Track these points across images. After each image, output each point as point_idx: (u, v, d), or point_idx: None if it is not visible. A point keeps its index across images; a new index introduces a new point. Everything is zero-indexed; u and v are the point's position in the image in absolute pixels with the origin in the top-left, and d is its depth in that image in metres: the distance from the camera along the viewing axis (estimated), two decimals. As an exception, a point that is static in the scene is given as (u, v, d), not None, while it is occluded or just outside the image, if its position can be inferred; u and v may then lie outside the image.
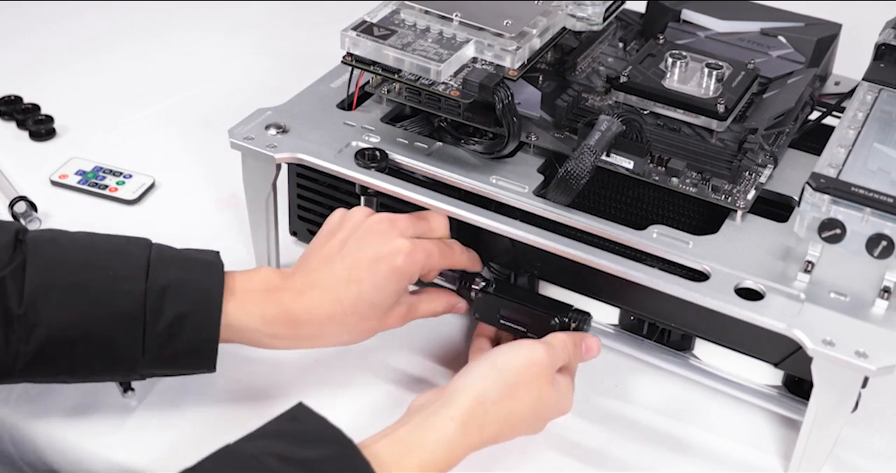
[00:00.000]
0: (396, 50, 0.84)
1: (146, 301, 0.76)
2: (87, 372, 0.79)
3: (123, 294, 0.76)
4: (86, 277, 0.77)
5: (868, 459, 0.83)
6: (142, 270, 0.77)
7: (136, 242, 0.80)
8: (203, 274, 0.79)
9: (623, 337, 0.90)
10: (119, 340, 0.76)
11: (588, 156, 0.81)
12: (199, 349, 0.78)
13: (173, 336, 0.77)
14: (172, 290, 0.77)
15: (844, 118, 0.84)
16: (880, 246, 0.74)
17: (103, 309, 0.76)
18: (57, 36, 1.30)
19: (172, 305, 0.77)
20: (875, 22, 0.95)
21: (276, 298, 0.80)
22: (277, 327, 0.80)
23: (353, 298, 0.80)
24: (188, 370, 0.80)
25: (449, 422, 0.74)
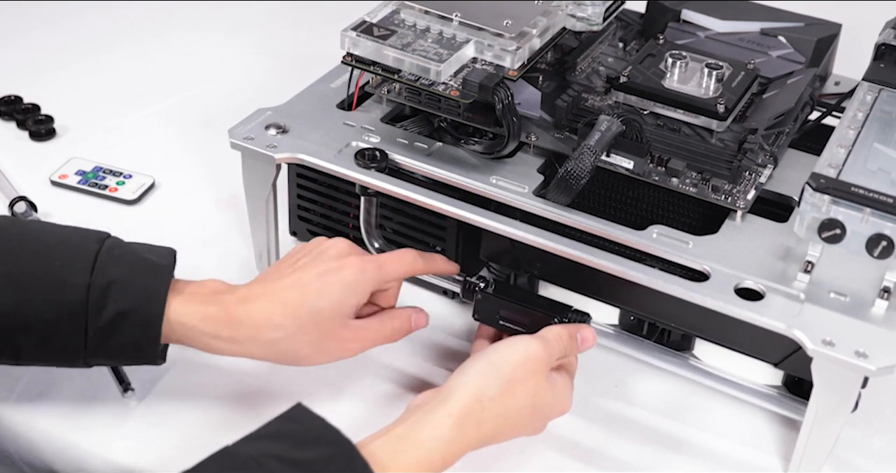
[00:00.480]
0: (396, 50, 0.84)
1: (89, 295, 0.76)
2: (31, 357, 0.79)
3: (68, 285, 0.76)
4: (32, 267, 0.77)
5: (868, 459, 0.83)
6: (88, 263, 0.77)
7: (89, 235, 0.80)
8: (150, 274, 0.78)
9: (623, 337, 0.90)
10: (62, 330, 0.77)
11: (588, 157, 0.81)
12: (140, 346, 0.78)
13: (115, 331, 0.77)
14: (116, 287, 0.77)
15: (844, 118, 0.84)
16: (880, 247, 0.74)
17: (47, 299, 0.76)
18: (57, 36, 1.30)
19: (115, 302, 0.76)
20: (875, 22, 0.95)
21: (219, 299, 0.80)
22: (217, 326, 0.79)
23: (295, 302, 0.79)
24: (132, 362, 0.80)
25: (446, 419, 0.74)
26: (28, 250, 0.78)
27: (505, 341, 0.80)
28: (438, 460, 0.73)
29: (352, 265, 0.81)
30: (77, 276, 0.76)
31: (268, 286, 0.80)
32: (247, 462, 0.67)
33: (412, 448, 0.72)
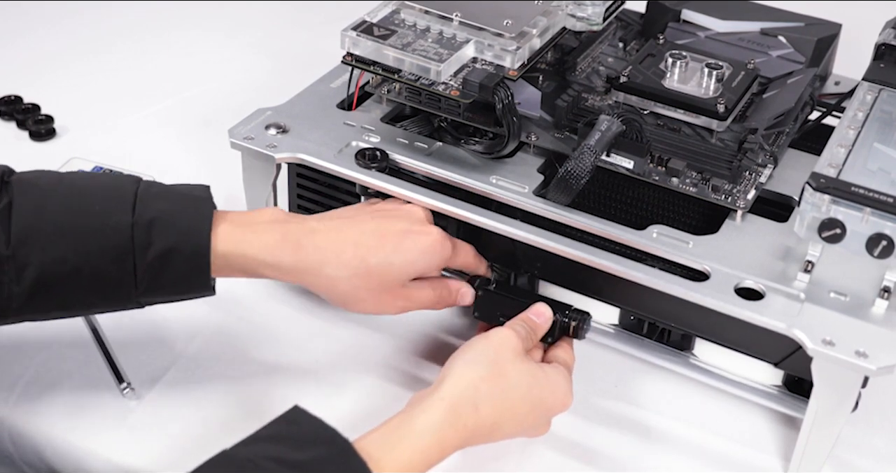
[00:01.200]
0: (396, 50, 0.84)
1: (133, 234, 0.76)
2: (82, 306, 0.79)
3: (111, 228, 0.76)
4: (73, 214, 0.76)
5: (868, 459, 0.83)
6: (128, 204, 0.77)
7: (124, 179, 0.80)
8: (192, 207, 0.78)
9: (623, 336, 0.90)
10: (110, 274, 0.76)
11: (588, 156, 0.81)
12: (190, 279, 0.78)
13: (164, 267, 0.76)
14: (160, 222, 0.76)
15: (844, 118, 0.84)
16: (880, 246, 0.74)
17: (92, 245, 0.76)
18: (57, 36, 1.30)
19: (160, 238, 0.76)
20: (875, 22, 0.95)
21: (282, 227, 0.79)
22: (280, 254, 0.79)
23: (370, 247, 0.79)
24: (186, 296, 0.80)
25: (438, 403, 0.74)
26: (66, 199, 0.77)
27: (479, 335, 0.81)
28: (435, 447, 0.73)
29: (435, 235, 0.82)
30: (119, 217, 0.76)
31: (343, 224, 0.80)
32: (245, 465, 0.67)
33: (407, 439, 0.72)
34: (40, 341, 0.90)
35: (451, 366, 0.77)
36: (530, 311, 0.84)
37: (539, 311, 0.84)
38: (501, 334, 0.79)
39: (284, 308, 0.93)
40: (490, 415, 0.75)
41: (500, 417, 0.76)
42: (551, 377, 0.79)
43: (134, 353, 0.89)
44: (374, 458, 0.69)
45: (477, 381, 0.76)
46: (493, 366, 0.77)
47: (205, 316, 0.93)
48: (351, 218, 0.82)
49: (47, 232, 0.75)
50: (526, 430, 0.80)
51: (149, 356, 0.89)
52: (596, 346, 0.90)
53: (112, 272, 0.76)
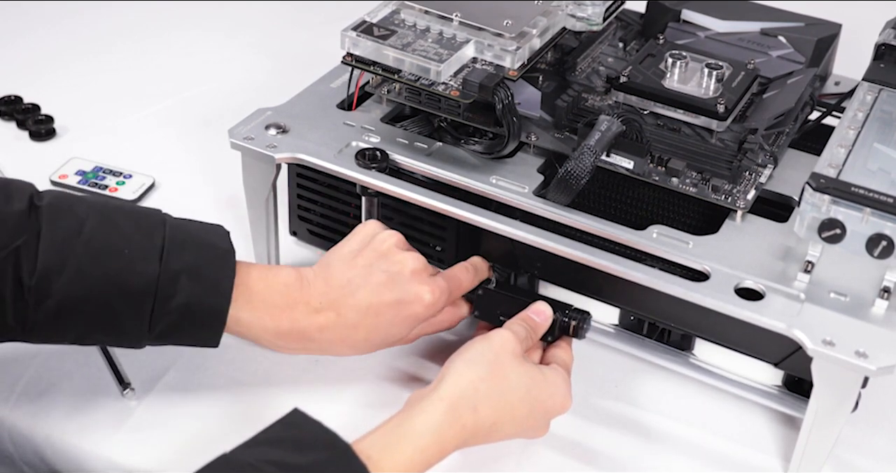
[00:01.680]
0: (396, 50, 0.84)
1: (158, 284, 0.77)
2: (93, 340, 0.80)
3: (137, 275, 0.77)
4: (101, 255, 0.77)
5: (868, 459, 0.83)
6: (156, 252, 0.77)
7: (151, 217, 0.80)
8: (216, 263, 0.79)
9: (623, 335, 0.90)
10: (128, 317, 0.77)
11: (588, 156, 0.81)
12: (204, 334, 0.79)
13: (182, 319, 0.78)
14: (185, 276, 0.77)
15: (844, 118, 0.84)
16: (880, 247, 0.74)
17: (116, 287, 0.76)
18: (57, 36, 1.30)
19: (184, 291, 0.77)
20: (875, 22, 0.95)
21: (290, 315, 0.81)
22: (289, 341, 0.81)
23: (369, 328, 0.81)
24: (191, 345, 0.81)
25: (437, 403, 0.74)
26: (94, 236, 0.77)
27: (478, 336, 0.81)
28: (434, 447, 0.73)
29: (425, 302, 0.82)
30: (147, 265, 0.77)
31: (340, 299, 0.81)
32: (245, 469, 0.67)
33: (406, 439, 0.72)
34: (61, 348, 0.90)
35: (451, 366, 0.77)
36: (530, 310, 0.84)
37: (539, 310, 0.84)
38: (501, 335, 0.80)
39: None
40: (489, 416, 0.75)
41: (498, 418, 0.76)
42: (550, 379, 0.79)
43: (134, 353, 0.89)
44: (374, 460, 0.70)
45: (476, 382, 0.76)
46: (493, 367, 0.77)
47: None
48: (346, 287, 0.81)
49: (73, 268, 0.76)
50: (524, 431, 0.80)
51: (149, 356, 0.89)
52: (596, 346, 0.90)
53: (130, 316, 0.77)
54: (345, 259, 0.83)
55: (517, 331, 0.81)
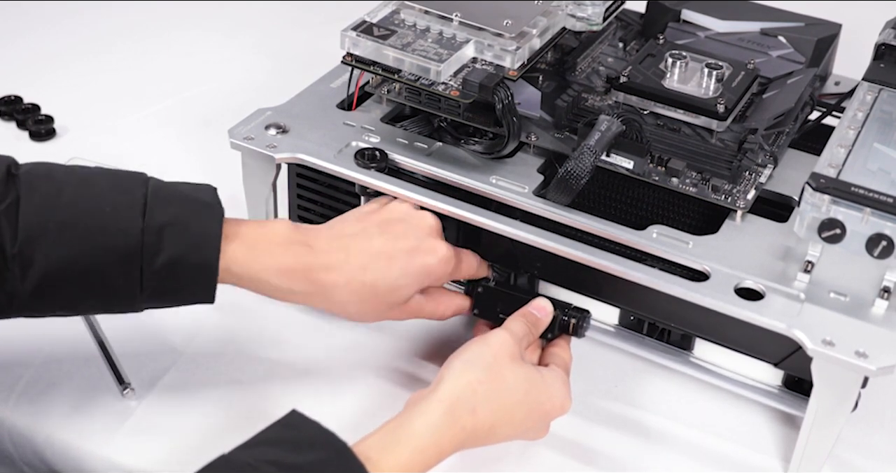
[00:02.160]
0: (396, 50, 0.84)
1: (143, 239, 0.75)
2: (86, 307, 0.79)
3: (120, 231, 0.75)
4: (82, 215, 0.75)
5: (868, 459, 0.83)
6: (139, 208, 0.76)
7: (132, 177, 0.79)
8: (202, 214, 0.78)
9: (623, 333, 0.90)
10: (117, 277, 0.76)
11: (588, 156, 0.81)
12: (195, 289, 0.78)
13: (170, 275, 0.76)
14: (170, 229, 0.76)
15: (844, 118, 0.84)
16: (880, 247, 0.74)
17: (100, 247, 0.75)
18: (57, 36, 1.30)
19: (170, 245, 0.76)
20: (875, 22, 0.95)
21: (294, 250, 0.79)
22: (292, 281, 0.79)
23: (377, 274, 0.80)
24: (186, 303, 0.80)
25: (436, 405, 0.74)
26: (75, 199, 0.76)
27: (476, 338, 0.81)
28: (433, 448, 0.73)
29: (441, 254, 0.82)
30: (130, 222, 0.75)
31: (353, 242, 0.80)
32: (244, 469, 0.67)
33: (405, 440, 0.72)
34: (40, 341, 0.90)
35: (449, 368, 0.77)
36: (531, 306, 0.84)
37: (539, 306, 0.84)
38: (499, 337, 0.79)
39: (284, 308, 0.93)
40: (487, 418, 0.75)
41: (497, 420, 0.76)
42: (549, 381, 0.79)
43: (134, 353, 0.89)
44: (373, 460, 0.70)
45: (475, 384, 0.76)
46: (491, 369, 0.77)
47: (205, 316, 0.93)
48: (358, 235, 0.81)
49: (55, 231, 0.75)
50: (524, 433, 0.80)
51: (149, 356, 0.89)
52: (596, 346, 0.90)
53: (118, 276, 0.76)
54: (355, 216, 0.83)
55: (515, 331, 0.81)
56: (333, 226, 0.83)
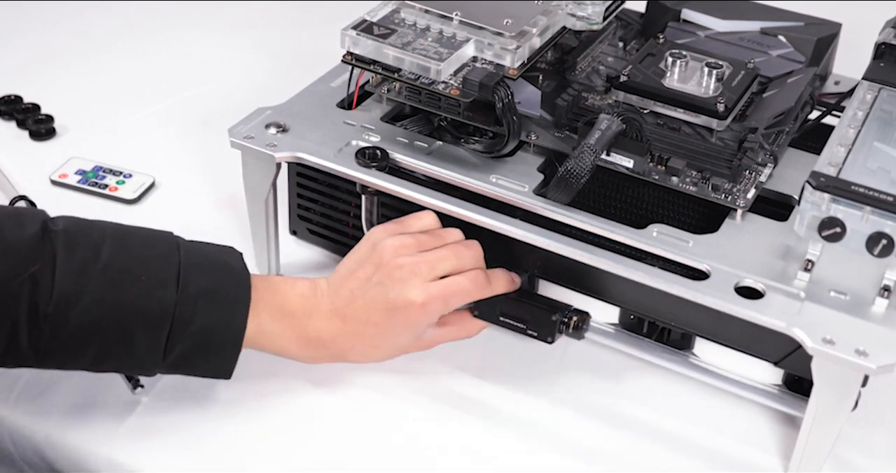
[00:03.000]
0: (396, 49, 0.84)
1: (176, 309, 0.77)
2: (105, 368, 0.80)
3: (155, 300, 0.77)
4: (119, 282, 0.77)
5: (868, 458, 0.83)
6: (173, 276, 0.78)
7: (165, 241, 0.81)
8: (233, 285, 0.80)
9: (623, 336, 0.90)
10: (144, 343, 0.77)
11: (588, 155, 0.81)
12: (219, 358, 0.80)
13: (198, 344, 0.78)
14: (203, 300, 0.78)
15: (844, 117, 0.84)
16: (880, 245, 0.74)
17: (133, 314, 0.77)
18: (57, 36, 1.30)
19: (202, 315, 0.78)
20: (875, 21, 0.95)
21: (311, 323, 0.83)
22: (312, 350, 0.84)
23: (372, 336, 0.83)
24: (204, 375, 0.82)
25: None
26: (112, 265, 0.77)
27: None
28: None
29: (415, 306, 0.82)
30: (164, 291, 0.77)
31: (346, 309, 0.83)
32: None
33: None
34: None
35: None
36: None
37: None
38: None
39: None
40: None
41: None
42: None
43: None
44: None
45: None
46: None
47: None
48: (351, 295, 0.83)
49: (91, 295, 0.76)
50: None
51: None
52: (596, 346, 0.90)
53: (145, 342, 0.77)
54: (350, 269, 0.84)
55: None
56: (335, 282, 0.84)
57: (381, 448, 0.83)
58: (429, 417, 0.85)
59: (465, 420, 0.85)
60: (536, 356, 0.90)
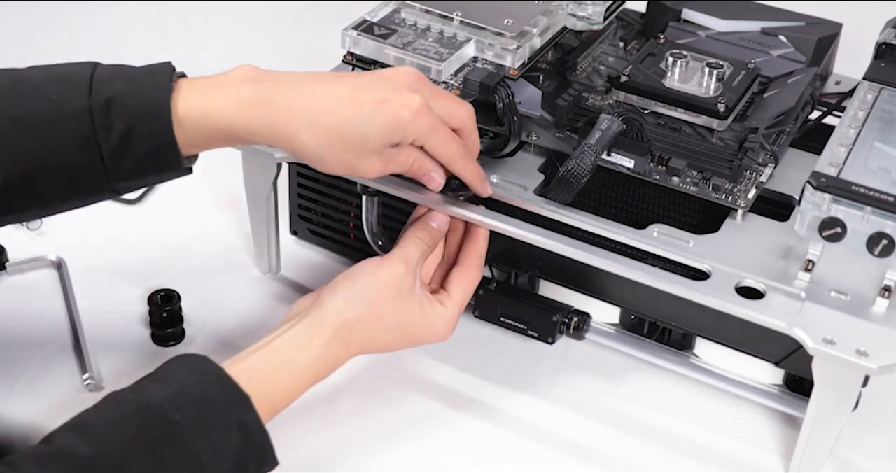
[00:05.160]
0: (397, 49, 0.84)
1: (93, 118, 0.74)
2: (58, 200, 0.77)
3: (69, 115, 0.74)
4: (31, 107, 0.75)
5: (869, 458, 0.83)
6: (84, 89, 0.75)
7: (77, 65, 0.78)
8: (150, 79, 0.76)
9: (623, 336, 0.90)
10: (78, 163, 0.74)
11: (589, 156, 0.81)
12: (159, 155, 0.75)
13: (128, 147, 0.74)
14: (117, 102, 0.74)
15: (845, 117, 0.84)
16: (881, 245, 0.74)
17: (53, 136, 0.74)
18: (57, 36, 1.30)
19: (120, 117, 0.74)
20: (875, 21, 0.95)
21: (255, 86, 0.76)
22: (255, 116, 0.75)
23: (344, 118, 0.75)
24: (159, 177, 0.78)
25: (315, 340, 0.77)
26: (21, 92, 0.76)
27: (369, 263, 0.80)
28: (310, 376, 0.76)
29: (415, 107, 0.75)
30: (76, 103, 0.74)
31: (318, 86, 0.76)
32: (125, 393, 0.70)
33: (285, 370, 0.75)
34: (40, 341, 0.90)
35: (333, 297, 0.79)
36: (427, 218, 0.83)
37: (434, 216, 0.84)
38: (390, 270, 0.79)
39: (285, 307, 0.93)
40: (358, 349, 0.79)
41: (366, 348, 0.79)
42: (430, 319, 0.80)
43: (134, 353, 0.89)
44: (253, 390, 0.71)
45: (352, 322, 0.78)
46: (373, 308, 0.78)
47: (204, 315, 0.93)
48: (327, 81, 0.76)
49: (6, 129, 0.74)
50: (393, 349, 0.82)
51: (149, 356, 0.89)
52: (596, 346, 0.90)
53: (80, 161, 0.74)
54: None
55: (410, 259, 0.80)
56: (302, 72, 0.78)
57: (381, 448, 0.83)
58: (429, 417, 0.85)
59: (465, 420, 0.85)
60: (537, 356, 0.90)
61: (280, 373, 0.75)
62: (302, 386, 0.76)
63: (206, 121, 0.75)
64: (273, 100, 0.75)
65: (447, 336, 0.81)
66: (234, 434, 0.69)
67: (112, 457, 0.66)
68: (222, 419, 0.69)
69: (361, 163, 0.77)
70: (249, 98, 0.75)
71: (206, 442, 0.68)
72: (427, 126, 0.77)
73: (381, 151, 0.77)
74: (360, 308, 0.78)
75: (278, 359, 0.75)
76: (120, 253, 0.99)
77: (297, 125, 0.75)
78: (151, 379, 0.71)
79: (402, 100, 0.75)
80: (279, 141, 0.76)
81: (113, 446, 0.66)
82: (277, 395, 0.74)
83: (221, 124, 0.75)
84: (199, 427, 0.68)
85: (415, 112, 0.76)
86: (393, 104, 0.75)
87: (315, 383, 0.77)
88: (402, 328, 0.79)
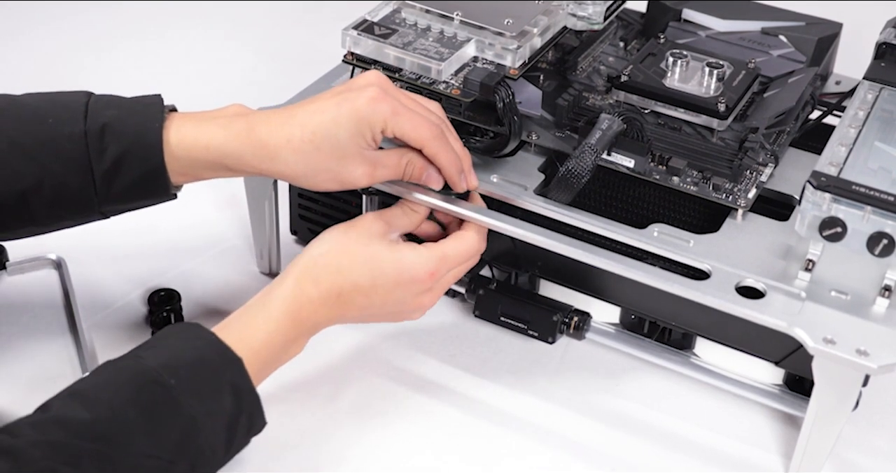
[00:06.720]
0: (397, 49, 0.84)
1: (87, 142, 0.77)
2: (51, 219, 0.80)
3: (65, 138, 0.77)
4: (28, 129, 0.78)
5: (869, 458, 0.83)
6: (80, 114, 0.78)
7: (72, 94, 0.81)
8: (142, 110, 0.79)
9: (623, 336, 0.90)
10: (71, 185, 0.78)
11: (589, 155, 0.81)
12: (148, 181, 0.79)
13: (119, 171, 0.78)
14: (111, 128, 0.78)
15: (845, 117, 0.84)
16: (881, 245, 0.74)
17: (48, 157, 0.77)
18: (57, 36, 1.30)
19: (114, 142, 0.77)
20: (875, 21, 0.95)
21: (240, 120, 0.80)
22: (240, 143, 0.78)
23: (314, 126, 0.77)
24: (146, 202, 0.81)
25: (285, 276, 0.78)
26: (19, 115, 0.79)
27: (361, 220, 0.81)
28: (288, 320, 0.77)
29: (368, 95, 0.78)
30: (72, 127, 0.77)
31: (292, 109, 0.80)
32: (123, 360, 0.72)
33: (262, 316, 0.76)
34: (40, 341, 0.90)
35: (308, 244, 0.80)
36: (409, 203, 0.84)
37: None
38: (363, 217, 0.81)
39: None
40: (332, 288, 0.77)
41: (341, 289, 0.78)
42: (403, 255, 0.79)
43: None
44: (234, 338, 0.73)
45: (316, 257, 0.78)
46: (339, 243, 0.79)
47: (204, 315, 0.93)
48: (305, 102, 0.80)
49: (3, 149, 0.77)
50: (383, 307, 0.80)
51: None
52: (596, 346, 0.90)
53: (74, 182, 0.78)
54: None
55: (384, 212, 0.82)
56: None
57: (381, 448, 0.83)
58: (428, 417, 0.85)
59: (465, 421, 0.85)
60: (537, 356, 0.90)
61: (257, 320, 0.76)
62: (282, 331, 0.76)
63: (197, 146, 0.79)
64: (258, 126, 0.79)
65: (426, 279, 0.79)
66: (228, 397, 0.71)
67: (110, 422, 0.67)
68: (216, 383, 0.71)
69: (347, 170, 0.79)
70: (240, 127, 0.79)
71: (201, 406, 0.69)
72: (387, 110, 0.78)
73: (361, 154, 0.78)
74: (325, 244, 0.79)
75: (256, 308, 0.77)
76: (120, 253, 0.99)
77: (277, 143, 0.78)
78: (146, 347, 0.73)
79: (358, 93, 0.78)
80: (265, 162, 0.79)
81: (110, 411, 0.67)
82: (264, 353, 0.75)
83: (212, 150, 0.79)
84: (194, 391, 0.70)
85: (371, 98, 0.77)
86: (349, 98, 0.78)
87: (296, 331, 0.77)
88: (370, 263, 0.78)
